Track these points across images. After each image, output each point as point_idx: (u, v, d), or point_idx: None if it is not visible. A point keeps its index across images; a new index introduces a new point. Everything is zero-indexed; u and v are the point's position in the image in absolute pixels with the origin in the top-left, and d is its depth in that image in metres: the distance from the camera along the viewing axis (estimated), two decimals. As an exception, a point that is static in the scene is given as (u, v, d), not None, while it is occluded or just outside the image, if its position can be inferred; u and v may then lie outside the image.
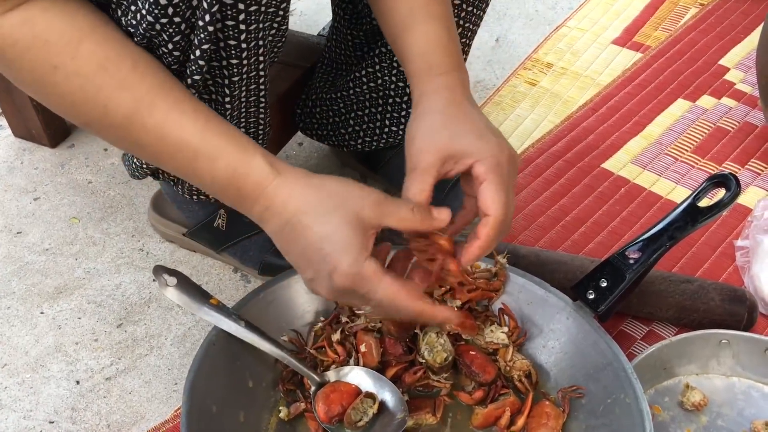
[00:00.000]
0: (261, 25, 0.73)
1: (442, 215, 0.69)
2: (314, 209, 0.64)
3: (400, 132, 1.09)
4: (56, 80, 0.64)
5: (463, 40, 0.99)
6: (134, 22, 0.68)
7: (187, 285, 0.83)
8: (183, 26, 0.69)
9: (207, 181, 0.66)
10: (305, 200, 0.65)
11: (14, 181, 1.26)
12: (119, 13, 0.69)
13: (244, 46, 0.73)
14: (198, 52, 0.71)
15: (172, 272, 0.83)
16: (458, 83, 0.74)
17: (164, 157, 0.66)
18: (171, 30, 0.68)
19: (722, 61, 1.46)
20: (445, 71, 0.74)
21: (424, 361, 0.87)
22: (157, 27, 0.67)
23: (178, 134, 0.64)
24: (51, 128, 1.29)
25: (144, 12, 0.67)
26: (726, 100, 1.37)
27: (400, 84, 1.03)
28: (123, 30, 0.69)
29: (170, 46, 0.70)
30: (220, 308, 0.82)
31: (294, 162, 1.30)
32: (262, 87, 0.82)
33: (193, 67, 0.72)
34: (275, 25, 0.77)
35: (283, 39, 0.81)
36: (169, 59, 0.71)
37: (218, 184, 0.66)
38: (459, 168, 0.71)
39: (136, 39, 0.69)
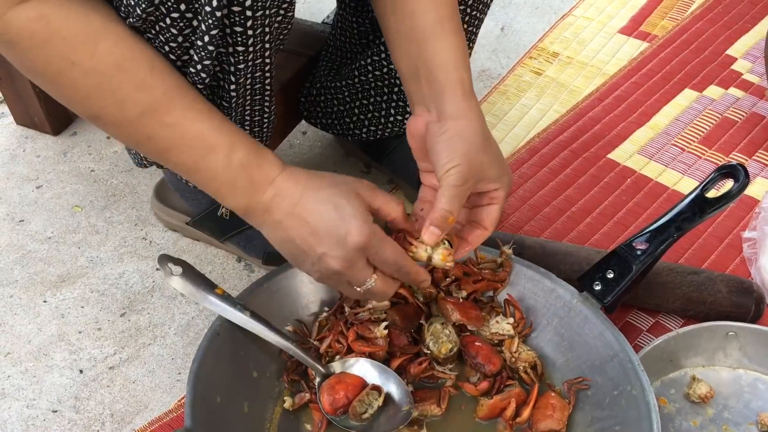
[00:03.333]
0: (267, 12, 0.72)
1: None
2: (322, 185, 0.73)
3: (405, 121, 1.09)
4: (74, 76, 0.66)
5: (470, 29, 0.98)
6: (132, 2, 0.67)
7: (192, 274, 0.83)
8: (182, 6, 0.68)
9: (219, 171, 0.71)
10: (313, 181, 0.73)
11: (16, 169, 1.26)
12: None
13: (250, 32, 0.72)
14: (207, 38, 0.70)
15: (178, 261, 0.82)
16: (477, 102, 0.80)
17: (174, 151, 0.71)
18: (169, 4, 0.68)
19: (730, 51, 1.45)
20: (471, 89, 0.78)
21: (429, 352, 0.86)
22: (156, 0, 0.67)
23: (197, 128, 0.70)
24: (53, 116, 1.29)
25: None
26: (733, 91, 1.36)
27: (406, 73, 1.02)
28: (122, 12, 0.69)
29: (168, 20, 0.69)
30: (226, 298, 0.82)
31: (298, 151, 1.30)
32: (267, 74, 0.81)
33: (202, 53, 0.72)
34: (281, 11, 0.77)
35: (290, 26, 0.81)
36: (167, 35, 0.71)
37: (231, 173, 0.71)
38: (483, 189, 0.79)
39: (131, 20, 0.68)
